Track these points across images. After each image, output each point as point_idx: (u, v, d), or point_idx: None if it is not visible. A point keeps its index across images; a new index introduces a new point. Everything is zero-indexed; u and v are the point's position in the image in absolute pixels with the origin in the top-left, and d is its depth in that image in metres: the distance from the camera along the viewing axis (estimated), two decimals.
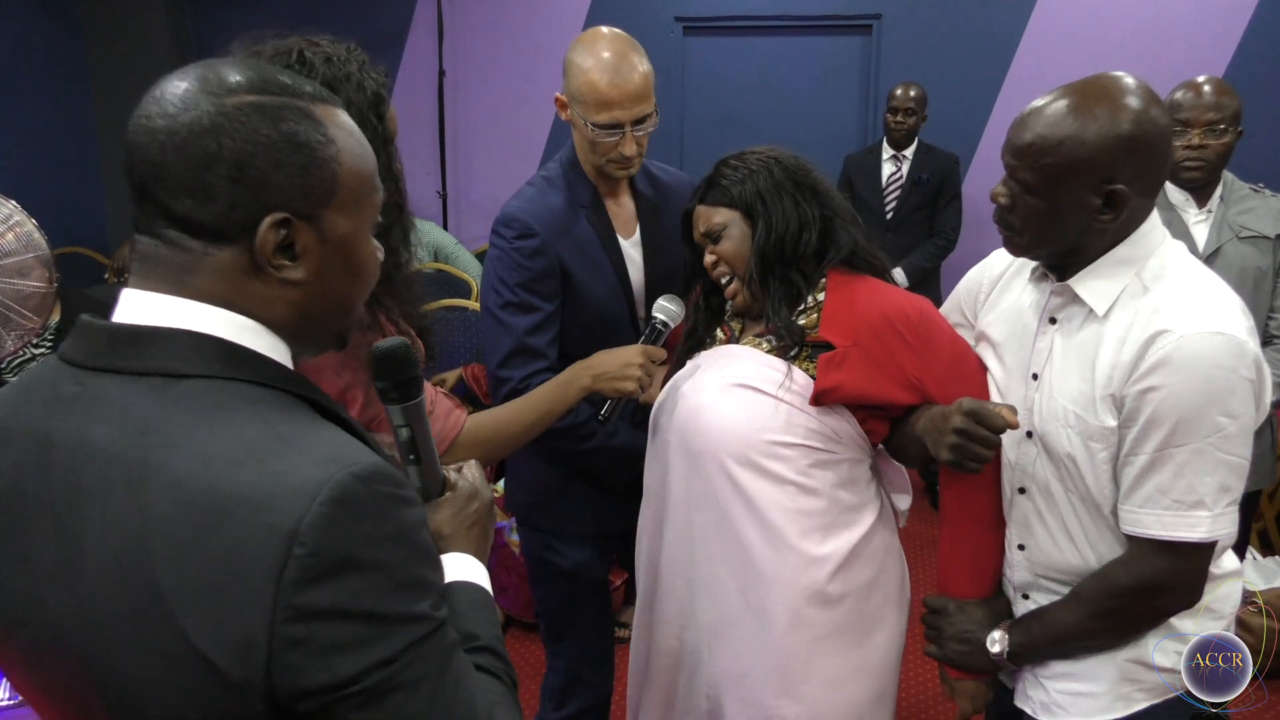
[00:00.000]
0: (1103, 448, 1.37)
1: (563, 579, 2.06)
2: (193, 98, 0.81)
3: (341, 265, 0.88)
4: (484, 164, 5.29)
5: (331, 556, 0.73)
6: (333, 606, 0.73)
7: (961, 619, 1.56)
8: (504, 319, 1.85)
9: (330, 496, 0.73)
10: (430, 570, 0.81)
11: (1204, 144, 2.37)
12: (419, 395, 1.06)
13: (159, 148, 0.80)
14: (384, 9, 5.28)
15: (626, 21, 5.47)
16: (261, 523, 0.72)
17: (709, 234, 1.66)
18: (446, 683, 0.80)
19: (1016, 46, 4.81)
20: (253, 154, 0.81)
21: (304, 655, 0.73)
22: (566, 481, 2.01)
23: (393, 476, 0.79)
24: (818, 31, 5.05)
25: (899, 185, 4.28)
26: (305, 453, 0.76)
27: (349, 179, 0.87)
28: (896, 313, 1.55)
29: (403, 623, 0.77)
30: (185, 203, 0.81)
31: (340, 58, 1.47)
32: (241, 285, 0.84)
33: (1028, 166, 1.34)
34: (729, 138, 5.24)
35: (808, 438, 1.56)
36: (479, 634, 0.94)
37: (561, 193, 1.91)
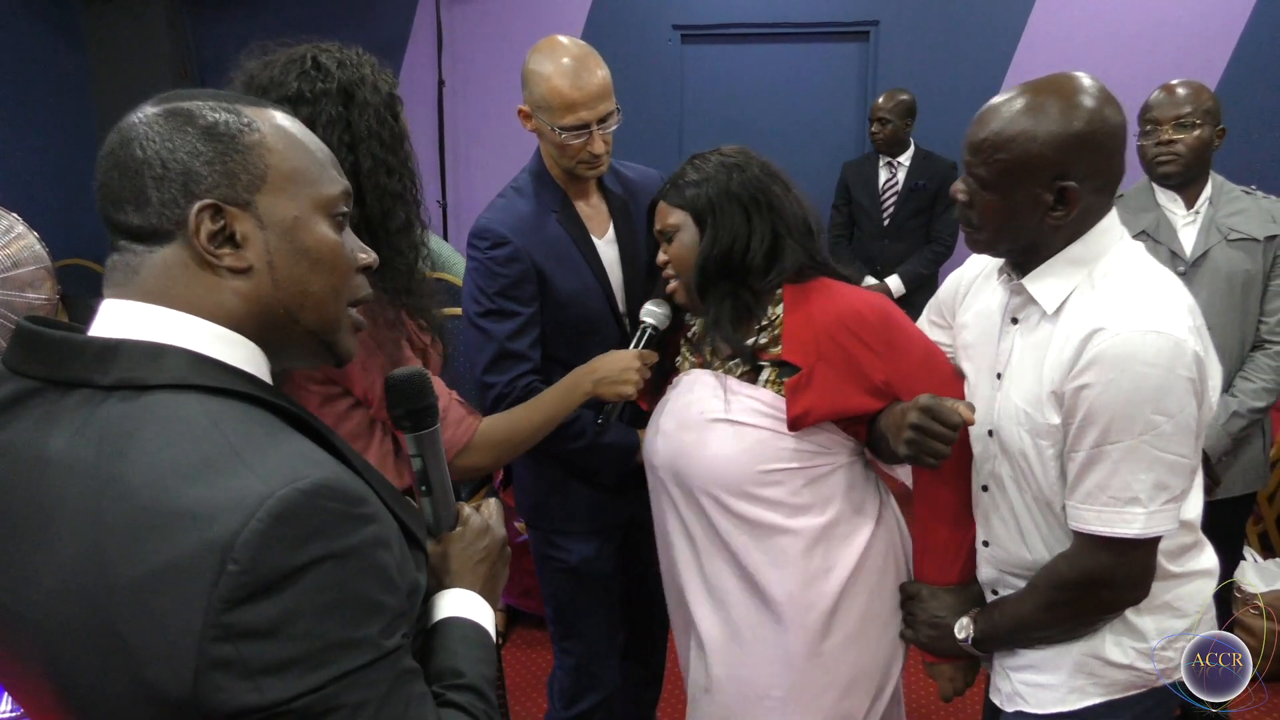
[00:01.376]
0: (1049, 445, 1.39)
1: (568, 575, 2.10)
2: (128, 120, 0.86)
3: (290, 251, 0.87)
4: (483, 173, 5.31)
5: (266, 574, 0.70)
6: (264, 626, 0.70)
7: (933, 604, 1.60)
8: (485, 327, 1.90)
9: (269, 512, 0.71)
10: (386, 593, 0.78)
11: (1173, 139, 2.38)
12: (432, 425, 1.04)
13: (103, 171, 0.85)
14: (383, 19, 5.30)
15: (625, 31, 5.50)
16: (200, 538, 0.70)
17: (663, 232, 1.67)
18: (390, 710, 0.77)
19: (1013, 53, 4.83)
20: (172, 150, 0.83)
21: (232, 676, 0.70)
22: (566, 479, 2.05)
23: (346, 492, 0.76)
24: (815, 39, 5.07)
25: (895, 192, 4.29)
26: (254, 466, 0.74)
27: (281, 164, 0.87)
28: (854, 317, 1.55)
29: (341, 648, 0.73)
30: (127, 211, 0.84)
31: (352, 61, 1.50)
32: (190, 281, 0.84)
33: (983, 162, 1.37)
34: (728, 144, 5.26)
35: (796, 459, 1.57)
36: (464, 671, 0.92)
37: (530, 200, 1.97)
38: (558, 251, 1.94)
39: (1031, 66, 4.75)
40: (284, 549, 0.71)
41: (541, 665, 3.21)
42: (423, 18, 5.26)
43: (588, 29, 5.07)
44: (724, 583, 1.64)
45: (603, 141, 1.88)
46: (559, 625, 2.17)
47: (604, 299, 1.98)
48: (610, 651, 2.18)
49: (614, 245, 2.02)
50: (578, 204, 2.00)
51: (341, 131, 1.46)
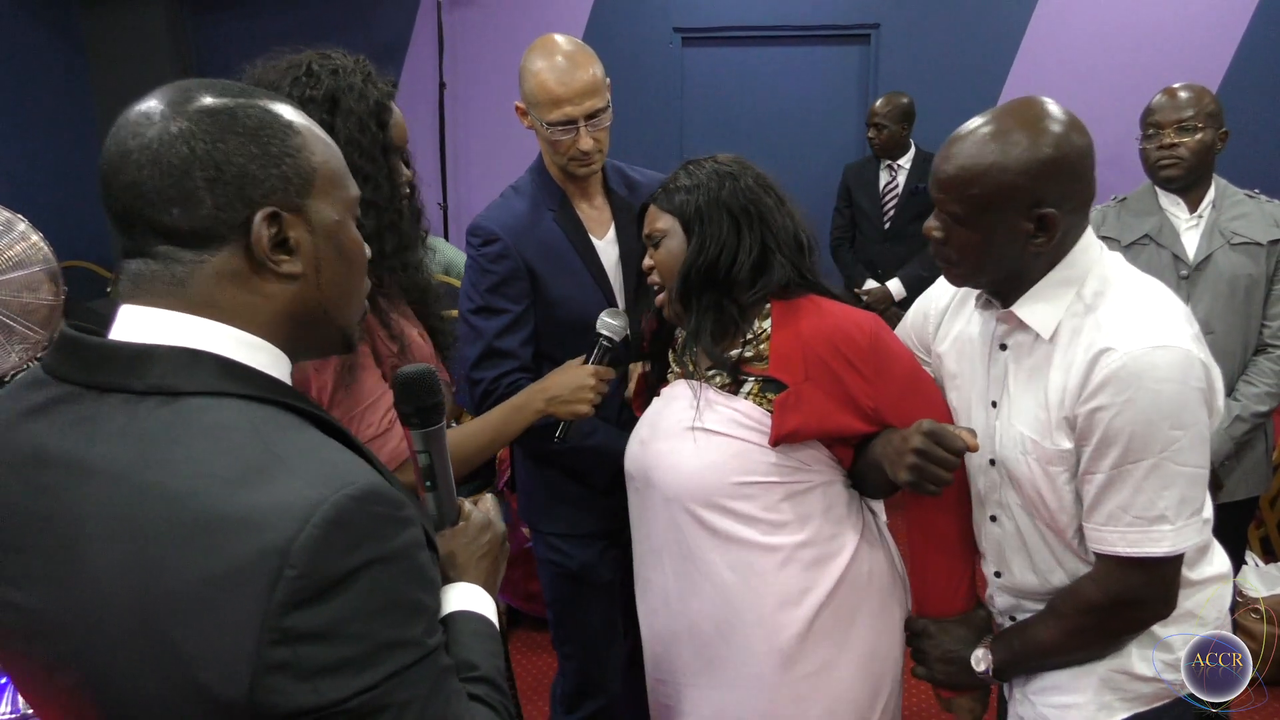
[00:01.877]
0: (1062, 470, 1.37)
1: (569, 580, 2.10)
2: (156, 114, 0.82)
3: (334, 254, 0.89)
4: (484, 176, 5.31)
5: (322, 578, 0.72)
6: (321, 629, 0.72)
7: (944, 639, 1.55)
8: (474, 323, 1.91)
9: (324, 518, 0.72)
10: (425, 593, 0.80)
11: (1176, 142, 2.38)
12: (439, 421, 1.06)
13: (135, 166, 0.81)
14: (384, 22, 5.30)
15: (625, 34, 5.50)
16: (255, 543, 0.71)
17: (650, 236, 1.63)
18: (433, 707, 0.79)
19: (1014, 56, 4.83)
20: (226, 152, 0.81)
21: (288, 678, 0.72)
22: (567, 483, 2.05)
23: (390, 497, 0.78)
24: (816, 42, 5.08)
25: (895, 195, 4.29)
26: (301, 472, 0.75)
27: (322, 166, 0.88)
28: (844, 340, 1.51)
29: (391, 649, 0.76)
30: (172, 213, 0.81)
31: (347, 69, 1.53)
32: (240, 288, 0.84)
33: (955, 199, 1.35)
34: (728, 148, 5.20)
35: (772, 473, 1.52)
36: (479, 664, 0.94)
37: (527, 199, 1.98)
38: (551, 251, 1.94)
39: (1033, 69, 4.76)
40: (338, 553, 0.73)
41: (543, 669, 3.21)
42: (424, 20, 5.27)
43: (588, 32, 5.07)
44: (695, 600, 1.59)
45: (591, 139, 1.88)
46: (560, 630, 2.17)
47: (602, 299, 1.97)
48: (612, 657, 2.17)
49: (615, 246, 2.02)
50: (579, 204, 2.00)
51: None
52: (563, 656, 2.19)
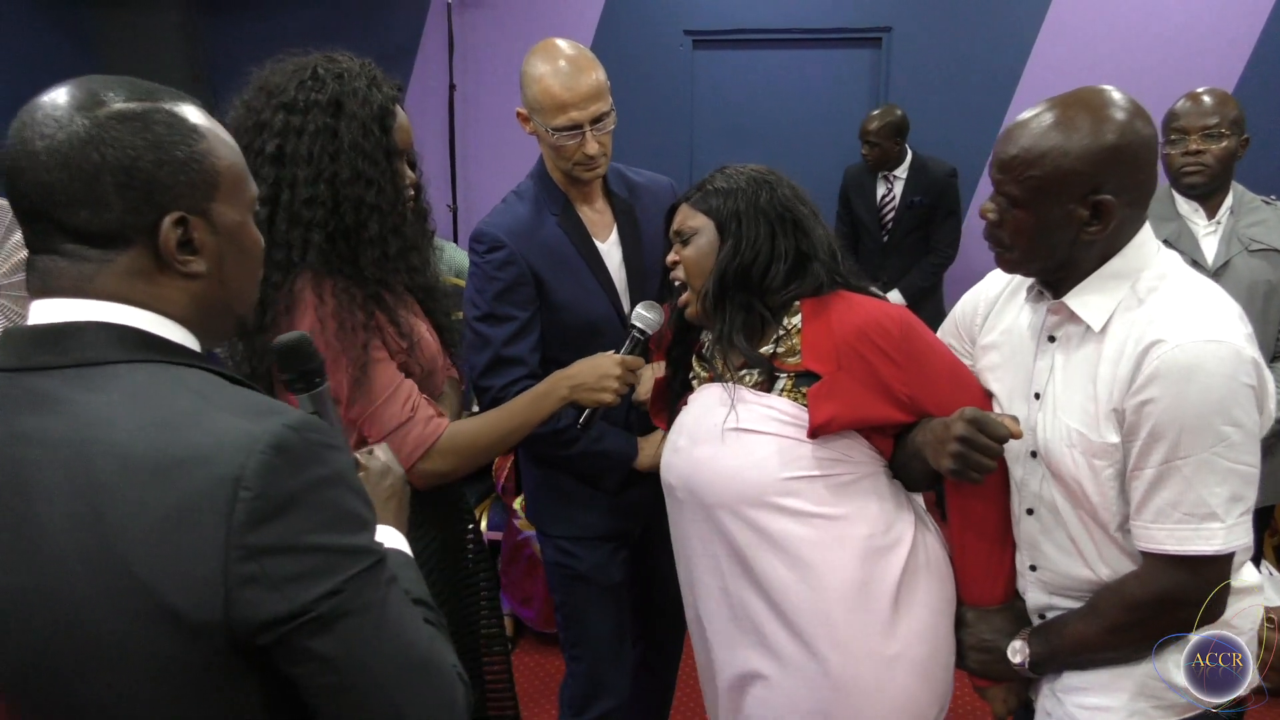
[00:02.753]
0: (1107, 465, 1.35)
1: (579, 583, 2.09)
2: (65, 115, 0.85)
3: (235, 253, 0.94)
4: (494, 178, 5.30)
5: (275, 498, 0.80)
6: (281, 543, 0.80)
7: (981, 628, 1.55)
8: (481, 331, 1.91)
9: (268, 444, 0.80)
10: (365, 508, 0.88)
11: (1201, 149, 2.37)
12: (322, 384, 1.16)
13: (43, 168, 0.84)
14: (394, 24, 5.30)
15: (635, 36, 5.49)
16: (208, 474, 0.79)
17: (679, 233, 1.64)
18: (390, 610, 0.87)
19: (1027, 59, 4.81)
20: (134, 158, 0.85)
21: (260, 589, 0.79)
22: (575, 485, 2.04)
23: (323, 427, 0.86)
24: (827, 44, 5.06)
25: (892, 207, 4.28)
26: (237, 411, 0.83)
27: (226, 170, 0.92)
28: (875, 329, 1.51)
29: (347, 554, 0.84)
30: (80, 215, 0.85)
31: (352, 73, 1.56)
32: (145, 284, 0.88)
33: (1013, 180, 1.34)
34: (739, 151, 5.23)
35: (816, 466, 1.52)
36: (411, 590, 1.01)
37: (530, 203, 1.97)
38: (556, 255, 1.94)
39: (1046, 72, 4.73)
40: (286, 475, 0.80)
41: (549, 671, 3.20)
42: (434, 22, 5.27)
43: (599, 34, 5.07)
44: (753, 609, 1.56)
45: (597, 143, 1.87)
46: (569, 632, 2.16)
47: (607, 302, 1.98)
48: (620, 660, 2.16)
49: (618, 248, 2.02)
50: (581, 207, 2.00)
51: (326, 141, 1.50)
52: (571, 659, 2.19)
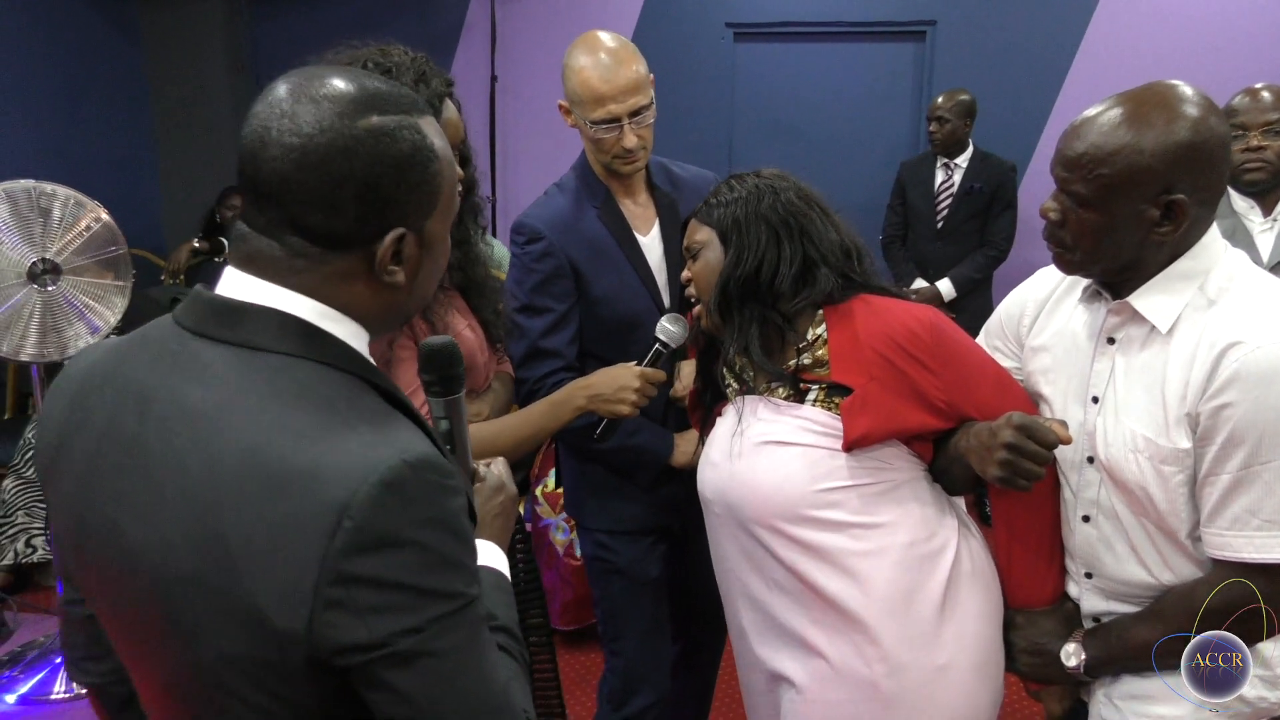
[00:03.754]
0: (1177, 471, 1.31)
1: (618, 577, 2.09)
2: (327, 119, 0.88)
3: (431, 263, 0.98)
4: (534, 169, 5.31)
5: (375, 532, 0.81)
6: (372, 575, 0.81)
7: (1031, 631, 1.51)
8: (519, 322, 1.91)
9: (380, 479, 0.81)
10: (467, 554, 0.89)
11: (1262, 145, 2.32)
12: (460, 391, 1.15)
13: (294, 165, 0.87)
14: (437, 14, 5.33)
15: (677, 28, 5.47)
16: (318, 496, 0.81)
17: (689, 249, 1.63)
18: (473, 655, 0.88)
19: (1075, 53, 4.73)
20: (380, 174, 0.89)
21: (343, 614, 0.81)
22: (614, 480, 2.04)
23: (442, 467, 0.86)
24: (870, 38, 5.01)
25: (950, 194, 4.22)
26: (364, 436, 0.84)
27: (447, 190, 0.96)
28: (905, 335, 1.47)
29: (436, 597, 0.84)
30: (315, 216, 0.89)
31: (401, 68, 1.55)
32: (347, 285, 0.93)
33: (1081, 178, 1.30)
34: (779, 145, 5.24)
35: (853, 476, 1.48)
36: (498, 615, 1.03)
37: (571, 196, 1.97)
38: (596, 248, 1.94)
39: (1095, 67, 4.66)
40: (391, 513, 0.81)
41: (585, 665, 3.21)
42: (476, 13, 5.28)
43: (640, 26, 5.06)
44: (796, 621, 1.53)
45: (635, 136, 1.86)
46: (608, 626, 2.17)
47: (647, 296, 1.97)
48: (660, 655, 2.16)
49: (659, 242, 2.01)
50: (623, 200, 1.99)
51: None
52: (610, 653, 2.19)
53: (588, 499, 2.11)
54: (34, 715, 2.89)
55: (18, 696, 2.95)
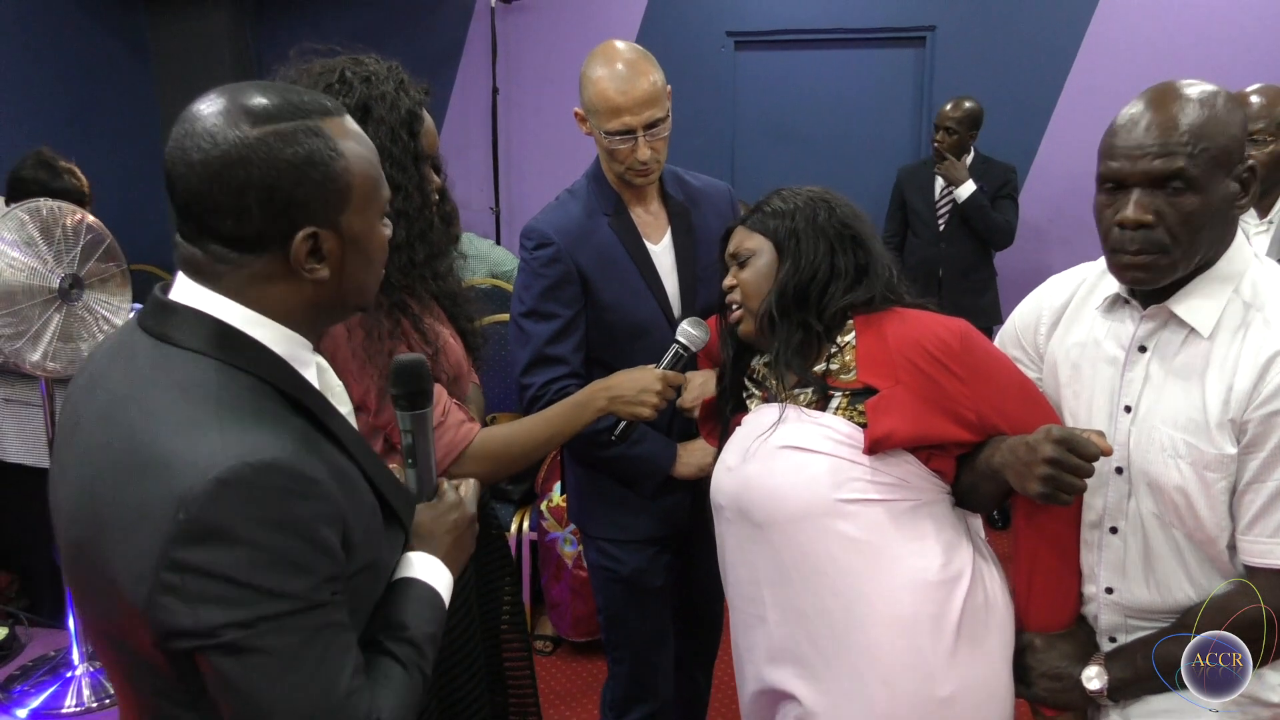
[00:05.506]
0: (1220, 477, 1.29)
1: (621, 586, 2.09)
2: (220, 131, 0.94)
3: (358, 257, 1.03)
4: (536, 179, 5.34)
5: (205, 525, 0.86)
6: (202, 566, 0.86)
7: (1051, 655, 1.46)
8: (525, 327, 1.92)
9: (217, 476, 0.86)
10: (318, 558, 0.91)
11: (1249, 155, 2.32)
12: (425, 407, 1.19)
13: (198, 178, 0.94)
14: (439, 27, 5.36)
15: (678, 37, 5.50)
16: (168, 484, 0.87)
17: (736, 256, 1.62)
18: (308, 657, 0.90)
19: (1074, 57, 4.74)
20: (278, 178, 0.94)
21: (175, 599, 0.86)
22: (618, 489, 2.04)
23: (294, 472, 0.90)
24: (870, 44, 5.03)
25: (951, 199, 4.22)
26: (226, 435, 0.89)
27: (360, 184, 1.01)
28: (935, 342, 1.45)
29: (269, 596, 0.88)
30: (226, 223, 0.95)
31: (379, 76, 1.55)
32: (267, 286, 0.98)
33: (1188, 156, 1.24)
34: (781, 152, 5.26)
35: (875, 490, 1.45)
36: (409, 625, 1.05)
37: (583, 203, 1.98)
38: (605, 255, 1.94)
39: (1094, 72, 4.67)
40: (223, 509, 0.86)
41: (590, 673, 3.21)
42: (477, 26, 5.31)
43: (641, 36, 5.08)
44: (798, 635, 1.50)
45: (649, 149, 1.87)
46: (610, 634, 2.17)
47: (655, 305, 1.97)
48: (662, 664, 2.17)
49: (670, 251, 2.01)
50: (635, 209, 2.00)
51: None
52: (613, 661, 2.19)
53: (592, 508, 2.11)
54: None
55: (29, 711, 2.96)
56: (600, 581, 2.14)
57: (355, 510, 0.98)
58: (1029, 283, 1.65)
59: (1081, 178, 4.61)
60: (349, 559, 0.97)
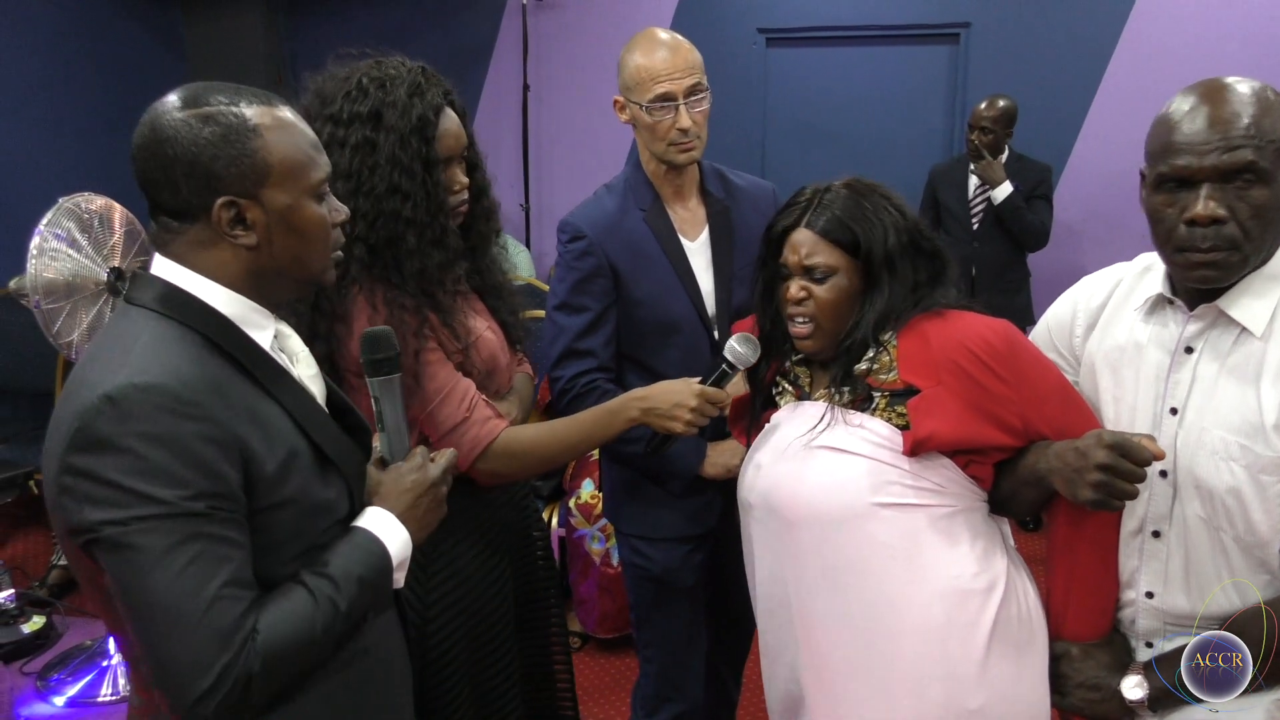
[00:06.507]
0: (1276, 480, 1.26)
1: (652, 583, 2.09)
2: (156, 117, 1.10)
3: (284, 229, 1.14)
4: (566, 176, 5.35)
5: (91, 434, 0.99)
6: (88, 470, 0.99)
7: (1088, 665, 1.43)
8: (557, 320, 1.94)
9: (105, 393, 1.00)
10: (191, 473, 1.01)
11: None
12: (390, 374, 1.31)
13: (141, 158, 1.10)
14: (470, 24, 5.38)
15: (709, 34, 5.48)
16: (75, 402, 1.02)
17: (811, 270, 1.51)
18: (175, 559, 1.00)
19: (1111, 54, 4.68)
20: (196, 153, 1.08)
21: (70, 499, 1.01)
22: (648, 486, 2.04)
23: (178, 395, 1.02)
24: (904, 41, 4.99)
25: (986, 197, 4.18)
26: (128, 364, 1.03)
27: (279, 163, 1.12)
28: (979, 343, 1.41)
29: (143, 499, 0.99)
30: (164, 195, 1.10)
31: (395, 81, 1.57)
32: (205, 251, 1.12)
33: (1256, 148, 1.21)
34: (811, 150, 5.23)
35: (911, 495, 1.42)
36: (330, 561, 1.14)
37: (619, 198, 1.99)
38: (637, 250, 1.95)
39: (1130, 71, 4.61)
40: (107, 421, 0.99)
41: (618, 670, 3.22)
42: (509, 22, 5.33)
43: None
44: (826, 639, 1.48)
45: (690, 118, 1.88)
46: (641, 632, 2.17)
47: (687, 301, 1.97)
48: (693, 663, 2.16)
49: (707, 248, 2.00)
50: (674, 205, 2.00)
51: (365, 154, 1.55)
52: (643, 659, 2.19)
53: (625, 504, 2.11)
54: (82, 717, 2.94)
55: (66, 699, 3.00)
56: (631, 579, 2.14)
57: (267, 446, 1.08)
58: (1063, 283, 1.62)
59: (1116, 178, 4.57)
60: (260, 490, 1.07)
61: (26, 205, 3.06)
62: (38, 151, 4.61)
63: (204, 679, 0.99)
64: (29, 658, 3.16)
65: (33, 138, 4.60)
